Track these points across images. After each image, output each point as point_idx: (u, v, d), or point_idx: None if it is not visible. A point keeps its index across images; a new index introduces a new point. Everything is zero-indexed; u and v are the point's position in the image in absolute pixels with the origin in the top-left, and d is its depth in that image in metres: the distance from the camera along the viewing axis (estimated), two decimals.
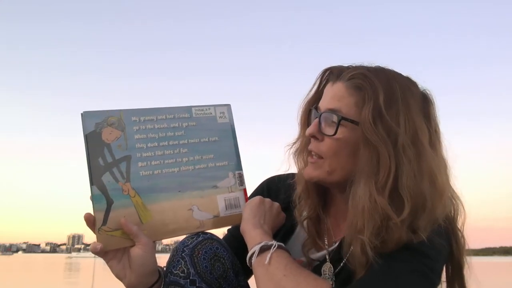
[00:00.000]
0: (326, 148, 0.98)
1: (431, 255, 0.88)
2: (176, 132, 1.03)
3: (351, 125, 0.95)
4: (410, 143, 0.90)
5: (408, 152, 0.89)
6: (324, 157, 0.99)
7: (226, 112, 1.10)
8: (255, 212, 1.01)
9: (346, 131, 0.96)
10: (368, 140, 0.91)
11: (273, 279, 0.87)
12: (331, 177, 0.99)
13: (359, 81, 0.95)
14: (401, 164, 0.89)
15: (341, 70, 1.01)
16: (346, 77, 0.98)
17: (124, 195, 0.96)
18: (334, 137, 0.96)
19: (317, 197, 1.07)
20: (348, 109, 0.96)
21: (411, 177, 0.88)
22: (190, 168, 1.03)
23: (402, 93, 0.94)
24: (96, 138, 0.95)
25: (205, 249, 0.97)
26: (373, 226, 0.86)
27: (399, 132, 0.90)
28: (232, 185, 1.08)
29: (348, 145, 0.96)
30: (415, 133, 0.92)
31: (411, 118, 0.92)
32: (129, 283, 0.94)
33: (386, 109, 0.91)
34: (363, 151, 0.92)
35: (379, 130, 0.90)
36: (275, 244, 0.92)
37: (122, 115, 0.99)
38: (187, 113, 1.06)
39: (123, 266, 0.94)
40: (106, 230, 0.93)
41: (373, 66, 1.01)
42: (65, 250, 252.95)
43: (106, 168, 0.95)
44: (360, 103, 0.94)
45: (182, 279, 0.94)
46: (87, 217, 0.93)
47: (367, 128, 0.91)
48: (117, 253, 0.94)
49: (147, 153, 1.00)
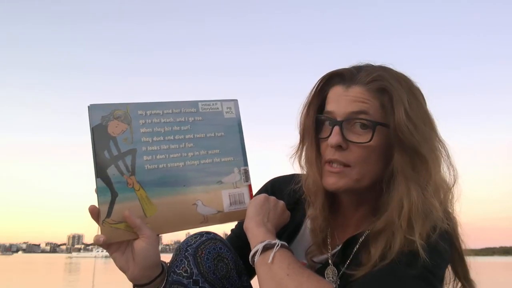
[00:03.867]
0: (354, 157, 0.95)
1: (435, 260, 0.87)
2: (182, 126, 1.03)
3: (383, 129, 0.94)
4: (434, 138, 0.95)
5: (436, 147, 0.94)
6: (352, 166, 0.96)
7: (233, 108, 1.10)
8: (259, 210, 1.00)
9: (378, 136, 0.94)
10: (404, 143, 0.91)
11: (276, 278, 0.86)
12: (359, 184, 0.97)
13: (382, 83, 0.94)
14: (433, 160, 0.92)
15: (351, 73, 0.98)
16: (366, 80, 0.95)
17: (128, 188, 0.96)
18: (365, 144, 0.94)
19: (328, 207, 1.04)
20: (374, 113, 0.94)
21: (440, 171, 0.94)
22: (195, 162, 1.03)
23: (415, 91, 0.97)
24: (102, 131, 0.96)
25: (209, 249, 0.97)
26: (427, 225, 0.88)
27: (426, 130, 0.93)
28: (237, 181, 1.07)
29: (377, 150, 0.95)
30: (433, 128, 0.96)
31: (426, 115, 0.96)
32: (132, 275, 0.94)
33: (411, 109, 0.92)
34: (398, 154, 0.92)
35: (412, 131, 0.90)
36: (279, 243, 0.91)
37: (128, 108, 0.99)
38: (193, 108, 1.05)
39: (127, 259, 0.94)
40: (110, 223, 0.94)
41: (380, 66, 1.00)
42: (65, 250, 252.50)
43: (111, 161, 0.96)
44: (386, 105, 0.93)
45: (185, 278, 0.93)
46: (91, 209, 0.93)
47: (403, 130, 0.90)
48: (120, 245, 0.95)
49: (153, 147, 0.99)
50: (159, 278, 0.97)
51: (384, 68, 0.99)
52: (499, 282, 14.61)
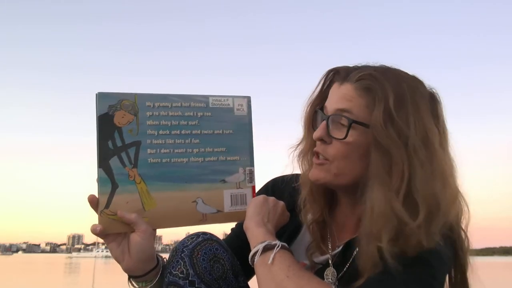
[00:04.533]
0: (334, 151, 0.96)
1: (436, 264, 0.86)
2: (189, 121, 1.01)
3: (362, 128, 0.93)
4: (421, 145, 0.88)
5: (420, 154, 0.87)
6: (331, 160, 0.96)
7: (245, 105, 1.07)
8: (259, 210, 0.99)
9: (356, 134, 0.93)
10: (380, 144, 0.88)
11: (275, 280, 0.85)
12: (337, 180, 0.97)
13: (369, 82, 0.92)
14: (414, 167, 0.86)
15: (348, 70, 0.98)
16: (355, 78, 0.95)
17: (129, 180, 0.95)
18: (344, 140, 0.93)
19: (323, 200, 1.05)
20: (358, 111, 0.93)
21: (424, 180, 0.86)
22: (200, 159, 1.01)
23: (411, 93, 0.91)
24: (108, 121, 0.94)
25: (205, 250, 0.96)
26: (390, 232, 0.84)
27: (410, 134, 0.87)
28: (241, 181, 1.05)
29: (357, 149, 0.94)
30: (425, 135, 0.89)
31: (421, 119, 0.90)
32: (127, 267, 0.96)
33: (396, 111, 0.88)
34: (374, 155, 0.89)
35: (390, 133, 0.87)
36: (279, 244, 0.90)
37: (136, 99, 0.97)
38: (203, 103, 1.03)
39: (122, 251, 0.95)
40: (108, 214, 0.93)
41: (379, 66, 0.99)
42: (65, 250, 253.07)
43: (114, 152, 0.94)
44: (370, 105, 0.91)
45: (181, 279, 0.93)
46: (90, 199, 0.94)
47: (378, 131, 0.88)
48: (117, 237, 0.96)
49: (158, 141, 0.98)
50: (153, 271, 0.98)
51: (382, 68, 0.97)
52: (499, 282, 14.60)
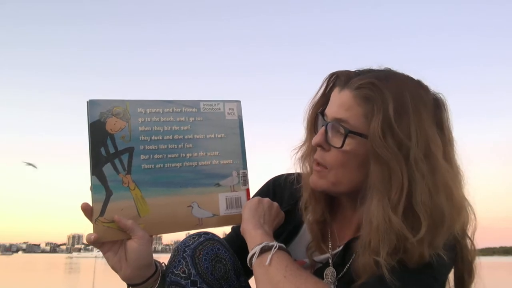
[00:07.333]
0: (331, 159, 0.95)
1: (439, 269, 0.86)
2: (182, 126, 1.01)
3: (360, 138, 0.91)
4: (422, 156, 0.85)
5: (421, 166, 0.85)
6: (329, 168, 0.96)
7: (236, 109, 1.08)
8: (254, 212, 0.99)
9: (354, 144, 0.92)
10: (378, 155, 0.86)
11: (273, 281, 0.85)
12: (336, 187, 0.97)
13: (368, 91, 0.90)
14: (414, 179, 0.84)
15: (348, 76, 0.96)
16: (354, 86, 0.92)
17: (124, 187, 0.95)
18: (341, 149, 0.92)
19: (324, 202, 1.04)
20: (355, 121, 0.91)
21: (426, 193, 0.84)
22: (193, 164, 1.01)
23: (413, 102, 0.88)
24: (100, 128, 0.94)
25: (207, 249, 0.96)
26: (389, 247, 0.82)
27: (411, 145, 0.85)
28: (235, 184, 1.05)
29: (355, 158, 0.92)
30: (427, 146, 0.87)
31: (423, 130, 0.87)
32: (125, 275, 0.94)
33: (396, 121, 0.86)
34: (373, 166, 0.87)
35: (389, 144, 0.85)
36: (276, 245, 0.90)
37: (128, 105, 0.97)
38: (194, 108, 1.03)
39: (119, 259, 0.93)
40: (103, 221, 0.92)
41: (382, 70, 0.97)
42: (65, 250, 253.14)
43: (107, 159, 0.94)
44: (369, 114, 0.89)
45: (183, 279, 0.93)
46: (84, 207, 0.92)
47: (376, 142, 0.86)
48: (113, 245, 0.94)
49: (151, 146, 0.98)
50: (152, 278, 0.97)
51: (384, 74, 0.94)
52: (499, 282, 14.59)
